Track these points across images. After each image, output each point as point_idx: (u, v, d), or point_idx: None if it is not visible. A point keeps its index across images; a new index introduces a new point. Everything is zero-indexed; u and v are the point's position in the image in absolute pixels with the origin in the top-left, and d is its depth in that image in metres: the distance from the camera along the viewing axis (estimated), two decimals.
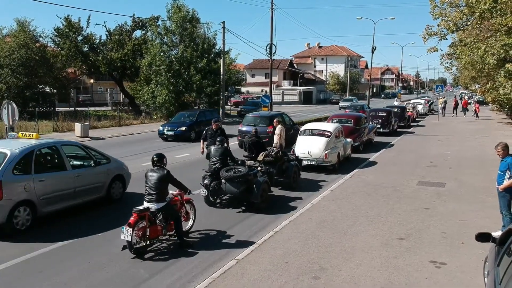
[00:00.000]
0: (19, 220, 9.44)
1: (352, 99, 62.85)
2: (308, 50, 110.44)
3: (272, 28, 32.29)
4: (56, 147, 10.80)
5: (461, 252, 8.53)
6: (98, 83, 59.30)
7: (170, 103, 37.83)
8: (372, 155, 20.52)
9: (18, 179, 9.45)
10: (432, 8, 22.25)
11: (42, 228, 10.00)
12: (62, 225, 10.24)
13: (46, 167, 10.46)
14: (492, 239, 6.11)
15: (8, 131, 12.94)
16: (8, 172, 9.23)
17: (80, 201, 11.00)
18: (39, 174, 9.89)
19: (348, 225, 10.14)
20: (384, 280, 7.29)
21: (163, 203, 8.60)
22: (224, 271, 7.65)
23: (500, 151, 9.57)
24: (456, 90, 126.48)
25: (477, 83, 40.53)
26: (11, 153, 9.53)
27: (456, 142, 25.00)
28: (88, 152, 11.74)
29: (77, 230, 9.79)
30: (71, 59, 40.48)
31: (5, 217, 9.08)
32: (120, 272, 7.76)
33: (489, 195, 12.48)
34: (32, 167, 9.78)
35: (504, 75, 16.25)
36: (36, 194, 9.69)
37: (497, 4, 14.11)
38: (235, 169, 11.55)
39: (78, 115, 34.18)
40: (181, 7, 38.69)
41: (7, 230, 9.22)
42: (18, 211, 9.38)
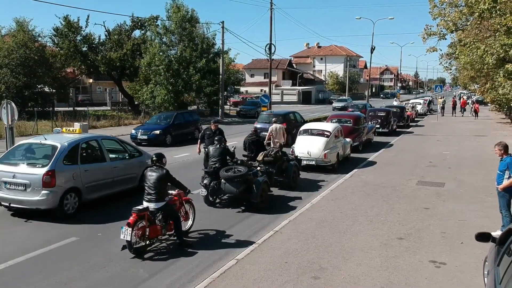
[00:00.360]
0: (68, 205, 10.59)
1: (346, 99, 61.75)
2: (307, 50, 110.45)
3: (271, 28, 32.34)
4: (97, 141, 11.99)
5: (460, 252, 8.54)
6: (97, 83, 59.23)
7: (169, 103, 37.81)
8: (371, 155, 20.53)
9: (67, 169, 10.60)
10: (431, 8, 22.26)
11: (41, 228, 10.01)
12: (61, 224, 10.24)
13: (89, 158, 11.61)
14: (492, 239, 6.10)
15: (7, 131, 12.92)
16: (59, 163, 10.41)
17: (117, 190, 12.05)
18: (84, 164, 11.09)
19: (347, 225, 10.14)
20: (384, 280, 7.28)
21: (163, 203, 8.59)
22: (224, 271, 7.64)
23: (499, 151, 9.58)
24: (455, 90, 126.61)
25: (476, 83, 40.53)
26: (61, 145, 10.68)
27: (455, 142, 25.02)
28: (124, 146, 12.95)
29: (77, 230, 9.79)
30: (70, 58, 40.40)
31: (57, 202, 10.25)
32: (119, 272, 7.76)
33: (488, 195, 12.49)
34: (78, 158, 10.98)
35: (503, 75, 16.26)
36: (82, 182, 10.83)
37: (496, 4, 14.10)
38: (235, 169, 11.54)
39: (77, 115, 34.15)
40: (180, 7, 38.69)
41: (59, 213, 10.38)
42: (68, 197, 10.54)
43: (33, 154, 11.27)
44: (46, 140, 11.15)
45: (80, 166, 10.90)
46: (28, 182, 10.13)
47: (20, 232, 9.78)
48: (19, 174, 10.29)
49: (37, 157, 11.03)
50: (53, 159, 10.34)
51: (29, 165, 10.57)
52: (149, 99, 38.32)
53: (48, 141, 11.09)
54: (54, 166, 10.24)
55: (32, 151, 11.37)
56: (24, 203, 10.27)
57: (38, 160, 10.83)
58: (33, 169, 10.34)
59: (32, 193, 10.11)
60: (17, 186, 10.26)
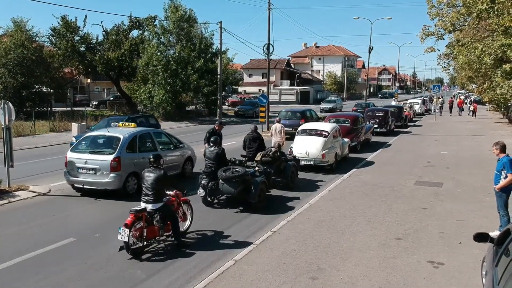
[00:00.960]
0: (130, 186, 12.60)
1: (335, 100, 57.79)
2: (305, 50, 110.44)
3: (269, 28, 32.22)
4: (150, 133, 14.16)
5: (458, 252, 8.53)
6: (95, 83, 59.17)
7: (167, 103, 37.82)
8: (369, 155, 20.53)
9: (129, 156, 12.61)
10: (429, 8, 22.30)
11: (38, 229, 9.99)
12: (58, 225, 10.23)
13: (144, 148, 13.42)
14: (490, 239, 6.10)
15: (4, 131, 12.90)
16: (123, 151, 12.42)
17: None
18: (141, 153, 12.99)
19: (346, 225, 10.12)
20: (382, 281, 7.27)
21: (160, 204, 8.57)
22: (222, 271, 7.62)
23: (497, 151, 9.58)
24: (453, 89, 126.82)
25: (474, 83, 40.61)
26: (123, 137, 12.69)
27: (453, 142, 25.03)
28: (170, 138, 15.06)
29: (74, 230, 9.76)
30: (68, 59, 40.35)
31: (121, 184, 12.29)
32: (117, 273, 7.73)
33: (486, 195, 12.50)
34: (137, 147, 13.02)
35: (501, 75, 16.26)
36: (140, 168, 12.06)
37: (494, 4, 14.11)
38: (233, 169, 11.52)
39: (75, 115, 34.07)
40: (178, 7, 38.70)
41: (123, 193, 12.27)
42: (129, 180, 12.55)
43: (99, 144, 13.16)
44: (110, 132, 13.20)
45: (138, 154, 12.90)
46: (98, 167, 12.16)
47: (18, 233, 9.74)
48: (90, 160, 12.34)
49: (104, 147, 12.94)
50: (118, 148, 12.37)
51: (98, 153, 12.61)
52: (147, 99, 38.30)
53: (111, 133, 13.12)
54: (120, 154, 12.28)
55: (99, 142, 13.28)
56: (95, 185, 12.32)
57: (106, 149, 12.76)
58: (102, 156, 12.39)
59: (101, 176, 12.15)
60: (88, 171, 12.31)
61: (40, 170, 16.27)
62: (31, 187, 13.46)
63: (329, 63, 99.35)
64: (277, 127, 18.54)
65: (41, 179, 14.88)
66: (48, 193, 13.14)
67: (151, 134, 14.12)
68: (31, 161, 18.19)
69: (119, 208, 11.16)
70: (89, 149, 12.88)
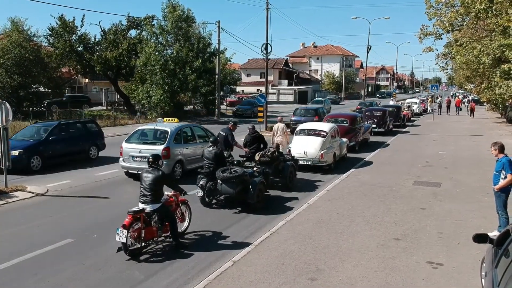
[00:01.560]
0: (177, 172, 14.72)
1: (323, 101, 53.64)
2: (303, 50, 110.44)
3: (267, 27, 32.19)
4: (190, 127, 16.67)
5: (457, 252, 8.52)
6: (92, 83, 58.99)
7: (165, 103, 37.73)
8: (367, 154, 20.52)
9: (176, 146, 14.73)
10: (428, 8, 22.31)
11: (36, 230, 9.95)
12: (56, 226, 10.19)
13: (187, 139, 15.65)
14: (490, 240, 6.08)
15: (2, 132, 12.83)
16: (171, 142, 14.60)
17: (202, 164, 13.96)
18: (185, 144, 15.38)
19: (344, 226, 10.11)
20: (381, 281, 7.26)
21: (158, 204, 8.54)
22: (221, 272, 7.60)
23: (495, 151, 9.57)
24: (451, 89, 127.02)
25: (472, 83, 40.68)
26: (170, 130, 14.86)
27: (451, 142, 25.05)
28: (205, 131, 16.98)
29: (72, 231, 9.72)
30: (66, 58, 40.22)
31: (171, 170, 14.21)
32: (115, 274, 7.70)
33: (485, 195, 12.50)
34: (181, 139, 15.26)
35: (500, 75, 16.26)
36: (184, 157, 15.00)
37: (492, 4, 14.11)
38: (231, 170, 11.49)
39: (72, 114, 33.95)
40: (176, 7, 38.61)
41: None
42: (176, 167, 14.72)
43: (150, 136, 15.54)
44: (158, 126, 15.43)
45: (183, 144, 15.15)
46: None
47: (15, 234, 9.71)
48: (144, 150, 14.31)
49: (155, 138, 15.20)
50: (167, 139, 14.54)
51: (151, 144, 14.85)
52: (145, 99, 38.20)
53: (160, 127, 15.31)
54: (169, 144, 14.44)
55: (150, 134, 15.62)
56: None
57: (157, 140, 15.01)
58: (154, 146, 14.38)
59: None
60: (142, 159, 14.04)
61: (37, 170, 16.19)
62: (28, 188, 13.41)
63: (327, 62, 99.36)
64: (280, 126, 18.59)
65: (39, 179, 14.84)
66: (46, 193, 13.10)
67: (191, 128, 16.72)
68: None
69: (117, 209, 11.13)
70: (142, 141, 15.26)
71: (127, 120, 35.72)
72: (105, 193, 13.18)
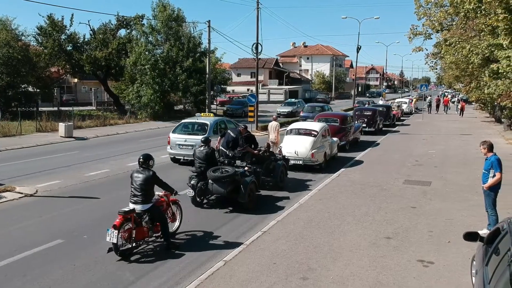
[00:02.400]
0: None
1: (296, 102, 49.23)
2: (293, 49, 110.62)
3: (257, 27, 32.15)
4: (224, 120, 19.50)
5: (448, 250, 8.57)
6: (82, 83, 58.55)
7: (155, 103, 37.61)
8: (358, 154, 20.59)
9: (214, 136, 16.41)
10: (417, 8, 22.44)
11: (25, 231, 9.85)
12: (45, 227, 10.09)
13: (221, 131, 17.18)
14: (480, 238, 6.12)
15: None
16: (211, 132, 17.22)
17: None
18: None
19: (335, 225, 10.13)
20: (372, 280, 7.28)
21: (149, 205, 8.49)
22: (212, 272, 7.57)
23: (484, 150, 9.65)
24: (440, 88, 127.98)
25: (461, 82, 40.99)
26: (210, 123, 17.82)
27: (441, 141, 25.22)
28: (235, 124, 19.26)
29: (62, 232, 9.64)
30: (55, 58, 39.90)
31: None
32: (105, 274, 7.64)
33: (474, 194, 12.59)
34: (218, 131, 17.56)
35: (488, 75, 16.39)
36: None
37: (481, 4, 14.21)
38: (222, 169, 11.46)
39: (62, 115, 33.65)
40: (166, 6, 38.50)
41: None
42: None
43: (193, 128, 18.31)
44: (198, 120, 18.48)
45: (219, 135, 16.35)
46: (195, 144, 16.02)
47: (4, 235, 9.58)
48: (189, 139, 17.34)
49: (197, 130, 18.01)
50: (208, 130, 17.35)
51: (194, 134, 17.63)
52: (135, 99, 38.05)
53: (201, 120, 18.35)
54: (209, 134, 16.72)
55: (191, 127, 18.49)
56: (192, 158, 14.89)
57: (199, 131, 17.75)
58: (197, 136, 16.78)
59: None
60: (187, 147, 17.08)
61: (26, 171, 16.06)
62: (17, 188, 13.27)
63: (317, 62, 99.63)
64: (273, 125, 18.76)
65: (28, 180, 14.69)
66: (35, 194, 12.97)
67: (225, 121, 19.43)
68: (17, 161, 17.95)
69: (107, 209, 11.06)
70: (186, 132, 18.14)
71: (117, 120, 35.49)
72: (95, 194, 13.08)
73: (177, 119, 39.33)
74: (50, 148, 22.23)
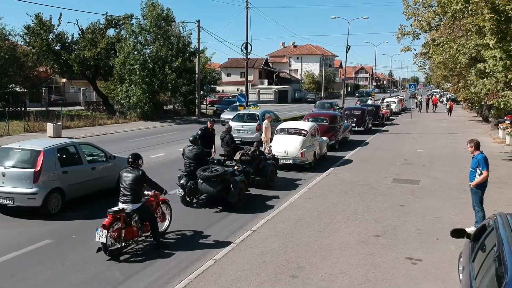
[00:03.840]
0: None
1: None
2: (283, 49, 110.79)
3: (247, 27, 32.27)
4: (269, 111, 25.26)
5: (436, 248, 8.66)
6: (70, 82, 58.09)
7: (144, 103, 37.47)
8: (347, 153, 20.70)
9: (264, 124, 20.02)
10: (405, 8, 22.56)
11: (13, 231, 9.78)
12: (34, 227, 10.01)
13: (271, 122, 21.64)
14: (467, 235, 6.20)
15: None
16: (261, 120, 22.05)
17: None
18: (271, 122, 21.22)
19: (325, 223, 10.18)
20: (362, 278, 7.33)
21: (139, 204, 8.47)
22: (202, 271, 7.58)
23: (471, 148, 9.76)
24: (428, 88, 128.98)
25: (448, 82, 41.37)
26: (259, 113, 23.94)
27: (429, 140, 25.44)
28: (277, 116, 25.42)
29: (50, 232, 9.58)
30: (43, 57, 39.51)
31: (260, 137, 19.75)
32: (95, 274, 7.62)
33: (461, 192, 12.72)
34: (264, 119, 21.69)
35: (475, 74, 16.54)
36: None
37: (468, 4, 14.33)
38: (212, 169, 11.46)
39: (50, 115, 33.38)
40: (155, 6, 38.37)
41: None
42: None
43: (247, 117, 23.70)
44: (250, 111, 25.09)
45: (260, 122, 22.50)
46: (249, 129, 22.56)
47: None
48: (245, 125, 22.82)
49: (249, 118, 23.45)
50: (258, 119, 22.79)
51: (248, 122, 23.08)
52: (124, 99, 37.86)
53: (251, 111, 24.93)
54: (260, 122, 22.04)
55: (244, 116, 23.89)
56: (247, 139, 21.62)
57: (252, 119, 23.27)
58: (250, 124, 22.87)
59: (251, 134, 22.39)
60: (244, 131, 22.62)
61: None
62: None
63: (307, 62, 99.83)
64: (266, 123, 18.87)
65: None
66: None
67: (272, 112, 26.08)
68: None
69: (96, 209, 10.99)
70: (242, 120, 23.42)
71: (106, 120, 35.28)
72: None
73: (167, 119, 39.35)
74: None
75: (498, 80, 14.96)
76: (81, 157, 11.79)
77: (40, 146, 10.99)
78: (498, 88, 15.63)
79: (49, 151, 10.81)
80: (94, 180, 11.96)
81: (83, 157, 11.86)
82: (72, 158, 11.65)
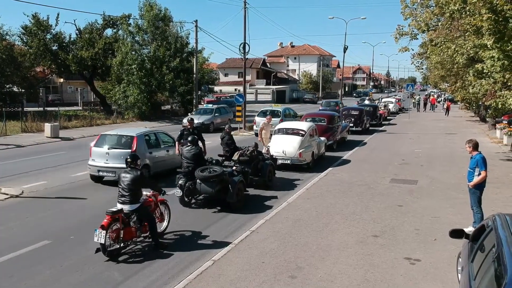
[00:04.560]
0: None
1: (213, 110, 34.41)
2: (281, 49, 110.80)
3: (245, 27, 32.15)
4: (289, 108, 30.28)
5: (434, 248, 8.67)
6: (68, 83, 57.93)
7: (142, 103, 37.44)
8: (345, 153, 20.71)
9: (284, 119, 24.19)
10: (403, 9, 22.55)
11: (12, 232, 9.76)
12: (32, 228, 10.00)
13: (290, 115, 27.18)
14: (466, 235, 6.21)
15: None
16: (283, 116, 26.19)
17: None
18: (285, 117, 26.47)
19: (323, 224, 10.19)
20: (360, 278, 7.34)
21: (137, 205, 8.46)
22: (201, 272, 7.58)
23: (470, 148, 9.78)
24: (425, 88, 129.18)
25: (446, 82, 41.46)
26: (282, 110, 27.92)
27: (427, 140, 25.47)
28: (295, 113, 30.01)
29: (49, 233, 9.56)
30: (40, 58, 39.46)
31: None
32: (94, 275, 7.60)
33: (459, 192, 12.74)
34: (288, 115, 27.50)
35: (473, 74, 16.56)
36: None
37: (466, 4, 14.34)
38: (210, 169, 11.46)
39: (47, 115, 33.28)
40: (153, 6, 38.33)
41: None
42: None
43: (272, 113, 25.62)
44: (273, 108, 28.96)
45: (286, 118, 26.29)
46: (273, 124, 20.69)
47: None
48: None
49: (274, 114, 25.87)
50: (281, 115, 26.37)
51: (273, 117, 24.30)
52: (122, 99, 37.80)
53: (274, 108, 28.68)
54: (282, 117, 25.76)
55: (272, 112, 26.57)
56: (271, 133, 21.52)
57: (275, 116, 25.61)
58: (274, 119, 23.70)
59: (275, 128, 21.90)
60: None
61: (12, 171, 15.88)
62: (3, 189, 13.11)
63: (305, 62, 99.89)
64: (263, 123, 18.90)
65: (14, 180, 14.53)
66: (21, 195, 12.84)
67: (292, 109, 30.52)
68: (2, 162, 17.74)
69: (95, 210, 10.99)
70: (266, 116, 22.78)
71: (103, 120, 35.22)
72: (81, 194, 13.00)
73: (165, 119, 39.33)
74: (36, 148, 22.02)
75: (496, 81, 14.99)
76: (159, 142, 15.05)
77: (133, 132, 14.31)
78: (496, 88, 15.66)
79: (140, 136, 14.03)
80: (168, 160, 15.07)
81: (161, 142, 15.12)
82: (154, 142, 14.86)
